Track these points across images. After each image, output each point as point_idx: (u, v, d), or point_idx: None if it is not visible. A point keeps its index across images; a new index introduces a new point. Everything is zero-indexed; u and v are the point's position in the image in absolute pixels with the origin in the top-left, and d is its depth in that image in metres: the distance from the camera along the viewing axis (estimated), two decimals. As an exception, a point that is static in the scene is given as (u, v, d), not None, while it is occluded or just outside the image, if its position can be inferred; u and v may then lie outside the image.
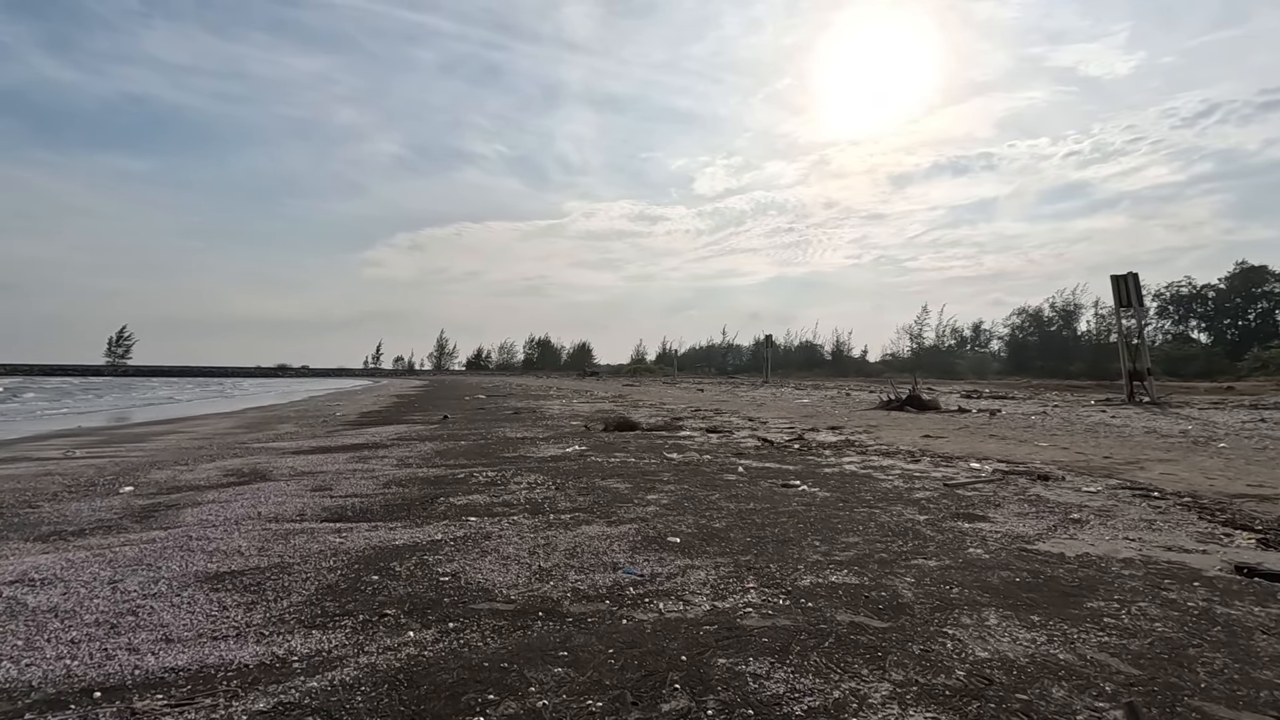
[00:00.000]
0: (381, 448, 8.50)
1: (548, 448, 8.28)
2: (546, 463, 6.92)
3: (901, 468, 6.49)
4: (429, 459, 7.31)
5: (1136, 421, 10.65)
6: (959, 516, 4.31)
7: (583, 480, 5.73)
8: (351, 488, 5.51)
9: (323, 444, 9.13)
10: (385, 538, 3.80)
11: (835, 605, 2.66)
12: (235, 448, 8.86)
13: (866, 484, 5.55)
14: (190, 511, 4.63)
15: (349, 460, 7.28)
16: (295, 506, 4.75)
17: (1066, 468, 6.37)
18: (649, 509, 4.55)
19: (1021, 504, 4.71)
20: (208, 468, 6.91)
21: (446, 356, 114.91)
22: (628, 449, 8.05)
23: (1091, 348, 64.70)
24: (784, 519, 4.23)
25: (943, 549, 3.52)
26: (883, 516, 4.30)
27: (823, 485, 5.48)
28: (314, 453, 8.10)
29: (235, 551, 3.55)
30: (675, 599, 2.75)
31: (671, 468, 6.50)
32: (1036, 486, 5.44)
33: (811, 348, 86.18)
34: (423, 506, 4.71)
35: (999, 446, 8.09)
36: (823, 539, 3.73)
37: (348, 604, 2.73)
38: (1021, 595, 2.79)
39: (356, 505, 4.77)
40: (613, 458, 7.23)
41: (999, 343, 74.77)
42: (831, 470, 6.34)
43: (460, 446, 8.52)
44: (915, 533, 3.87)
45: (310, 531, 3.99)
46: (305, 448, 8.69)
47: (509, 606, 2.68)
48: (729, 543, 3.65)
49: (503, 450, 8.07)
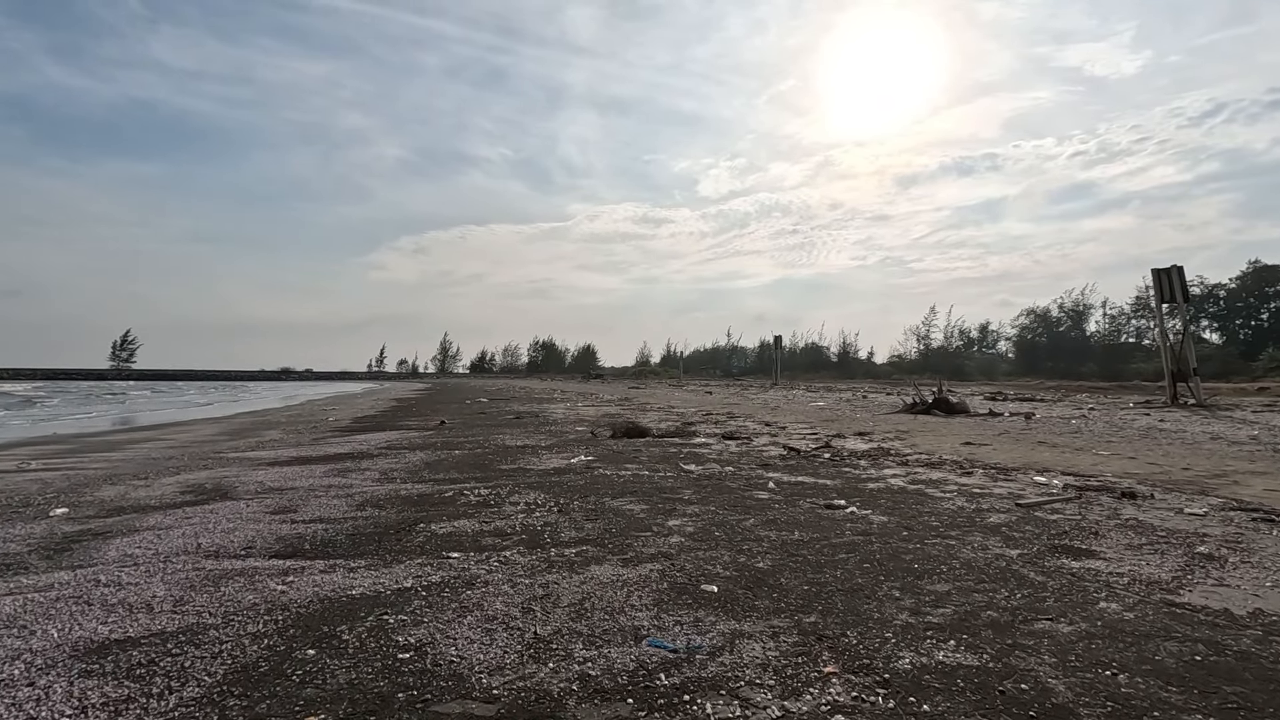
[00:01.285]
0: (367, 458, 7.69)
1: (550, 458, 7.46)
2: (548, 477, 6.10)
3: (956, 482, 5.65)
4: (416, 472, 6.50)
5: (1192, 426, 9.76)
6: (1059, 551, 3.47)
7: (590, 500, 4.91)
8: (320, 509, 4.70)
9: (304, 453, 8.33)
10: (341, 585, 2.98)
11: (963, 709, 1.84)
12: (209, 458, 8.07)
13: (924, 504, 4.72)
14: (118, 543, 3.82)
15: (327, 473, 6.48)
16: (246, 536, 3.94)
17: (1146, 482, 5.52)
18: (672, 539, 3.73)
19: (1124, 531, 3.86)
20: (167, 483, 6.12)
21: (450, 359, 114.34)
22: (639, 459, 7.22)
23: (1103, 348, 63.72)
24: (842, 554, 3.40)
25: (1065, 603, 2.69)
26: (964, 551, 3.47)
27: (873, 506, 4.64)
28: (292, 464, 7.30)
29: (145, 605, 2.74)
30: (728, 696, 1.92)
31: (691, 483, 5.67)
32: (1127, 507, 4.59)
33: (817, 349, 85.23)
34: (398, 536, 3.89)
35: (1055, 455, 7.23)
36: (901, 586, 2.89)
37: (259, 705, 1.91)
38: (1223, 689, 1.95)
39: (319, 534, 3.96)
40: (623, 470, 6.40)
41: (1007, 344, 73.77)
42: (876, 486, 5.50)
43: (453, 457, 7.71)
44: (1017, 576, 3.03)
45: (251, 574, 3.18)
46: (284, 458, 7.89)
47: (489, 711, 1.85)
48: (782, 593, 2.82)
49: (500, 461, 7.26)
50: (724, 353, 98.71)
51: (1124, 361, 56.33)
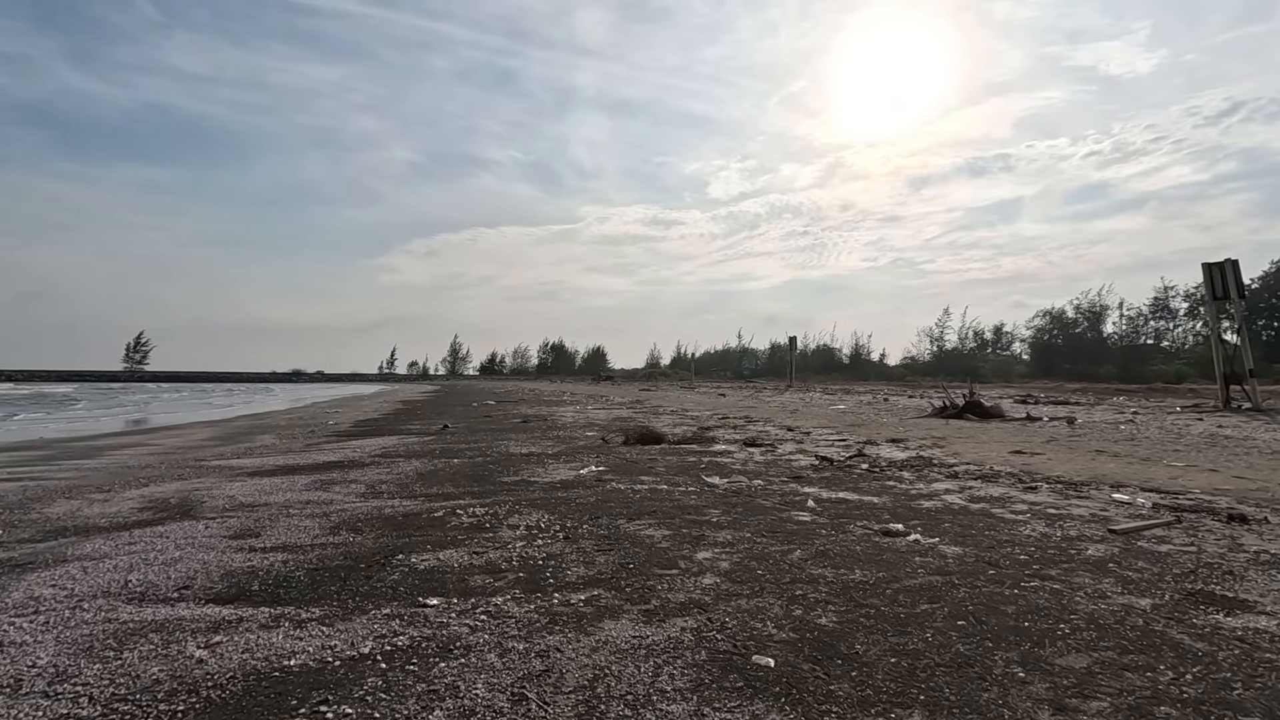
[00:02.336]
0: (357, 467, 7.03)
1: (557, 468, 6.76)
2: (554, 491, 5.40)
3: (1023, 500, 4.90)
4: (407, 485, 5.81)
5: (1259, 434, 8.92)
6: (1199, 600, 2.72)
7: (601, 522, 4.19)
8: (286, 533, 4.02)
9: (292, 461, 7.68)
10: (279, 650, 2.29)
11: None
12: (187, 466, 7.44)
13: (997, 530, 3.97)
14: (31, 579, 3.15)
15: (309, 486, 5.81)
16: (188, 569, 3.27)
17: (1246, 500, 4.74)
18: (704, 580, 3.01)
19: (1267, 571, 3.11)
20: (129, 497, 5.47)
21: (460, 361, 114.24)
22: (655, 470, 6.51)
23: (1122, 350, 62.33)
24: (924, 604, 2.67)
25: (1255, 690, 1.95)
26: (1077, 599, 2.73)
27: (937, 532, 3.91)
28: (275, 474, 6.65)
29: (11, 683, 2.06)
30: None
31: (719, 500, 4.95)
32: (1244, 534, 3.83)
33: (829, 351, 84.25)
34: (368, 572, 3.20)
35: (1121, 467, 6.45)
36: (1021, 658, 2.16)
37: None
38: None
39: (275, 569, 3.28)
40: (639, 484, 5.69)
41: (1021, 345, 72.59)
42: (932, 505, 4.76)
43: (452, 467, 7.02)
44: (1168, 642, 2.29)
45: (173, 628, 2.50)
46: (268, 467, 7.24)
47: None
48: (863, 668, 2.10)
49: (502, 472, 6.56)
50: (735, 354, 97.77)
51: (1143, 363, 55.02)
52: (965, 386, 16.00)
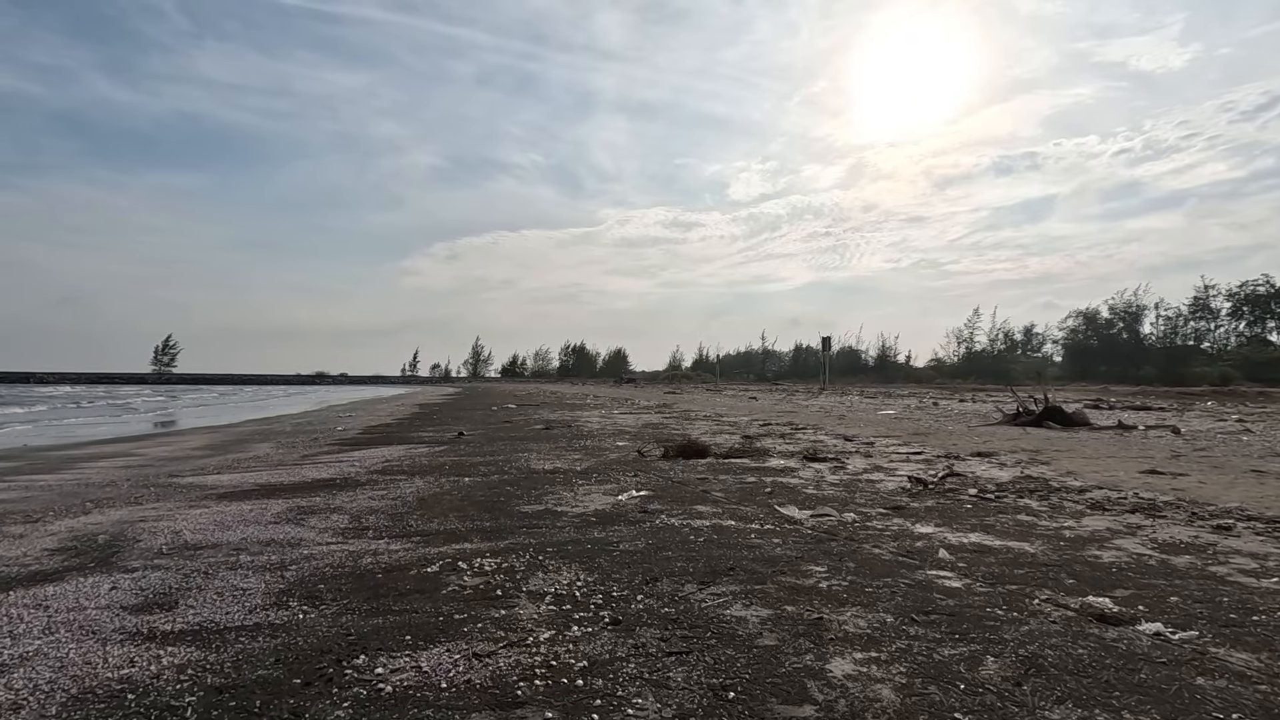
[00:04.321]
0: (349, 488, 5.84)
1: (589, 491, 5.51)
2: (589, 529, 4.14)
3: (1246, 553, 3.53)
4: (402, 517, 4.60)
5: None
6: None
7: (662, 589, 2.92)
8: (213, 605, 2.81)
9: (276, 480, 6.53)
10: None
11: None
12: (152, 485, 6.33)
13: (1271, 612, 2.62)
14: None
15: (280, 517, 4.63)
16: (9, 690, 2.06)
17: None
18: (866, 732, 1.72)
19: None
20: (53, 531, 4.33)
21: (482, 364, 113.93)
22: (711, 495, 5.23)
23: (1165, 351, 59.56)
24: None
25: None
26: None
27: (1178, 615, 2.57)
28: (248, 497, 5.49)
29: None
30: None
31: (812, 546, 3.65)
32: None
33: (854, 354, 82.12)
34: (299, 704, 1.96)
35: (1313, 495, 5.02)
36: None
37: None
38: None
39: (155, 691, 2.06)
40: (697, 517, 4.41)
41: (1053, 347, 70.05)
42: (1113, 558, 3.41)
43: (460, 488, 5.81)
44: None
45: None
46: (246, 486, 6.09)
47: None
48: None
49: (520, 497, 5.33)
50: (758, 357, 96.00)
51: (1185, 365, 52.28)
52: (1026, 390, 14.44)
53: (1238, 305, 57.46)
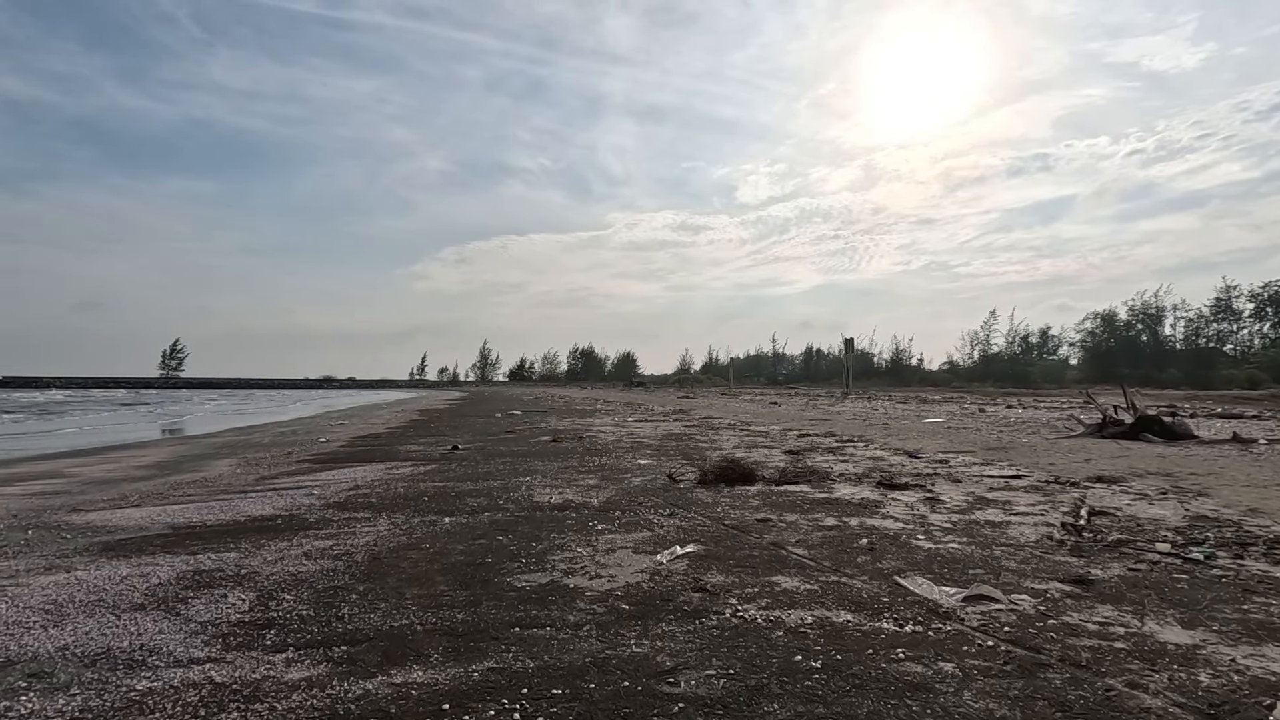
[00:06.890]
0: (287, 534, 4.30)
1: (611, 545, 3.93)
2: (617, 635, 2.56)
3: None
4: (333, 599, 3.03)
5: None
6: None
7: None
8: None
9: (198, 517, 4.99)
10: None
11: None
12: (26, 529, 4.80)
13: None
14: None
15: (148, 597, 3.08)
16: None
17: None
18: None
19: None
20: None
21: (490, 367, 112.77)
22: (789, 555, 3.64)
23: (1185, 354, 57.55)
24: None
25: None
26: None
27: None
28: (139, 550, 3.95)
29: None
30: None
31: (1020, 686, 2.06)
32: None
33: (866, 357, 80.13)
34: None
35: None
36: None
37: None
38: None
39: None
40: (783, 601, 2.82)
41: (1070, 349, 68.08)
42: None
43: (437, 535, 4.24)
44: None
45: None
46: (153, 530, 4.56)
47: None
48: None
49: (516, 556, 3.75)
50: (769, 360, 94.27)
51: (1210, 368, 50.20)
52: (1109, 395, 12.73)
53: (1261, 306, 55.45)
